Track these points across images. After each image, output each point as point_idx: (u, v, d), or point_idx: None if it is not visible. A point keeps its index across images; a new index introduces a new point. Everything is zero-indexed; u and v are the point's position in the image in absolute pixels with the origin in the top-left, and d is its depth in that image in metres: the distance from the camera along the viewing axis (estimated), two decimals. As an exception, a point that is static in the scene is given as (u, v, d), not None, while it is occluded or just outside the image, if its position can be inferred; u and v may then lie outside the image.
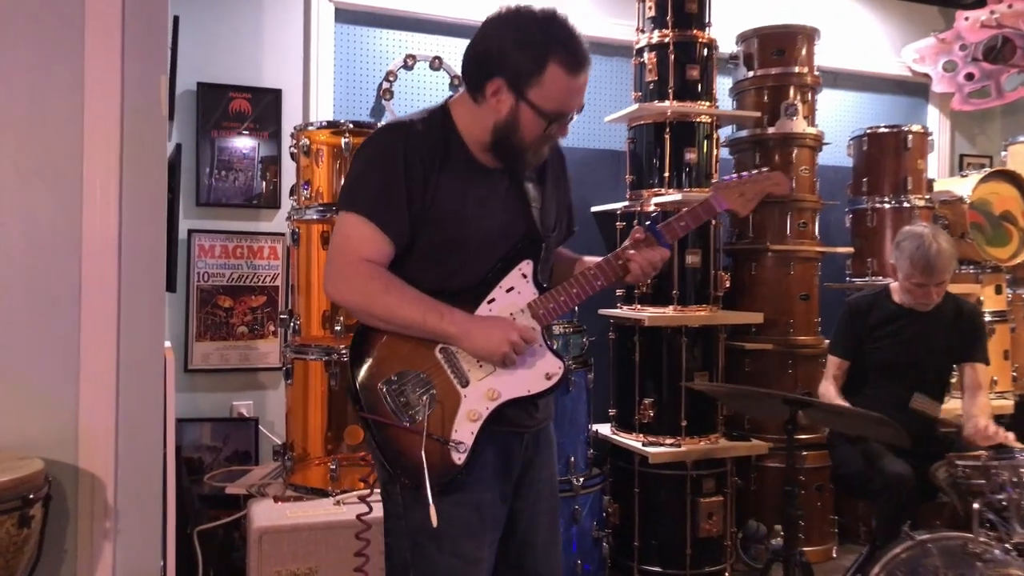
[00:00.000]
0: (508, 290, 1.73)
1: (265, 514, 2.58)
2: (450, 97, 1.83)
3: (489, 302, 1.73)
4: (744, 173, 1.91)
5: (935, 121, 4.90)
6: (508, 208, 1.77)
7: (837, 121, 4.63)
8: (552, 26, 1.64)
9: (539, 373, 1.72)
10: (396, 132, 1.72)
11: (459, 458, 1.65)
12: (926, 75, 4.78)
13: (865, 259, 4.04)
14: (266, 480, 2.95)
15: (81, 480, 2.47)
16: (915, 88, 4.91)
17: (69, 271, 2.46)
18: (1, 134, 2.39)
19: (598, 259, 1.86)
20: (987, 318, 4.08)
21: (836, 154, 4.25)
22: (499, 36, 1.65)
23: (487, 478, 1.73)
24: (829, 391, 3.07)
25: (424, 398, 1.66)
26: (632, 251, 1.78)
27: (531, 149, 1.72)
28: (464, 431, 1.67)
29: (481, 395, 1.69)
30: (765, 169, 1.99)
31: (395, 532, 1.74)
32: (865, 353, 3.11)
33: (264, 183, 3.47)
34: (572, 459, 3.20)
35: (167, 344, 3.09)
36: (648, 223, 1.84)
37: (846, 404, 2.89)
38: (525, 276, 1.75)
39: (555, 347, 1.80)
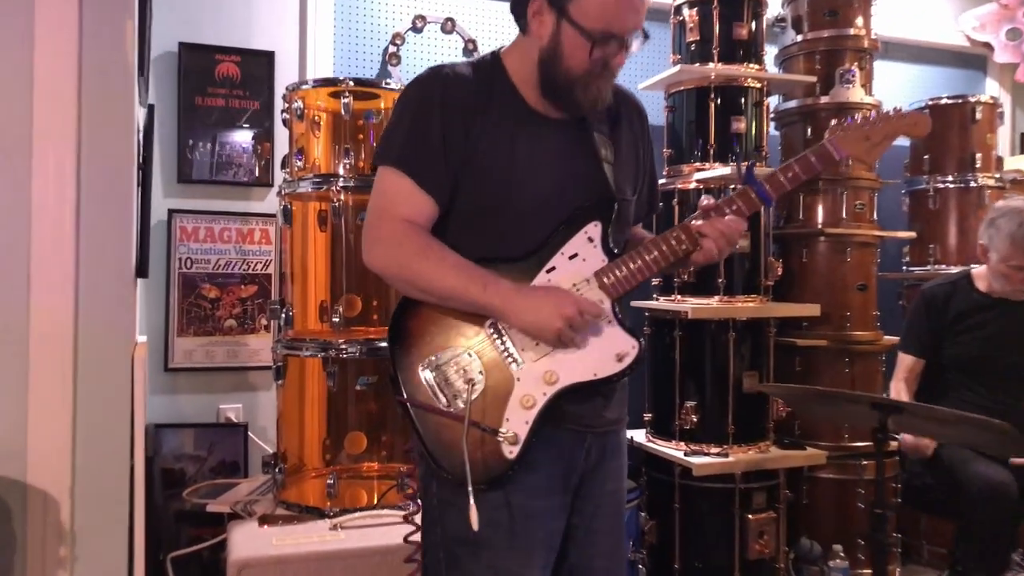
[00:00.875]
0: (572, 257, 1.50)
1: (247, 542, 2.18)
2: (503, 47, 1.60)
3: (549, 271, 1.50)
4: (871, 112, 1.55)
5: (995, 95, 4.45)
6: (571, 162, 1.54)
7: (889, 95, 4.18)
8: None
9: (608, 353, 1.47)
10: (434, 75, 1.53)
11: (511, 451, 1.44)
12: (987, 44, 4.34)
13: (926, 245, 3.63)
14: (254, 496, 2.55)
15: (31, 499, 2.10)
16: (973, 59, 4.47)
17: (15, 255, 2.08)
18: (-67, 88, 2.01)
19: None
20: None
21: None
22: None
23: (541, 485, 1.49)
24: (903, 396, 2.67)
25: (471, 381, 1.46)
26: (699, 222, 1.53)
27: (579, 83, 1.48)
28: (517, 420, 1.45)
29: (537, 378, 1.46)
30: (901, 107, 1.63)
31: (430, 542, 1.54)
32: (944, 350, 2.70)
33: (256, 158, 3.06)
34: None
35: (141, 339, 2.69)
36: (747, 171, 1.53)
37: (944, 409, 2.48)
38: (592, 240, 1.50)
39: (628, 322, 1.51)
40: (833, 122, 1.48)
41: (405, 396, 1.47)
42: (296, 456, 2.68)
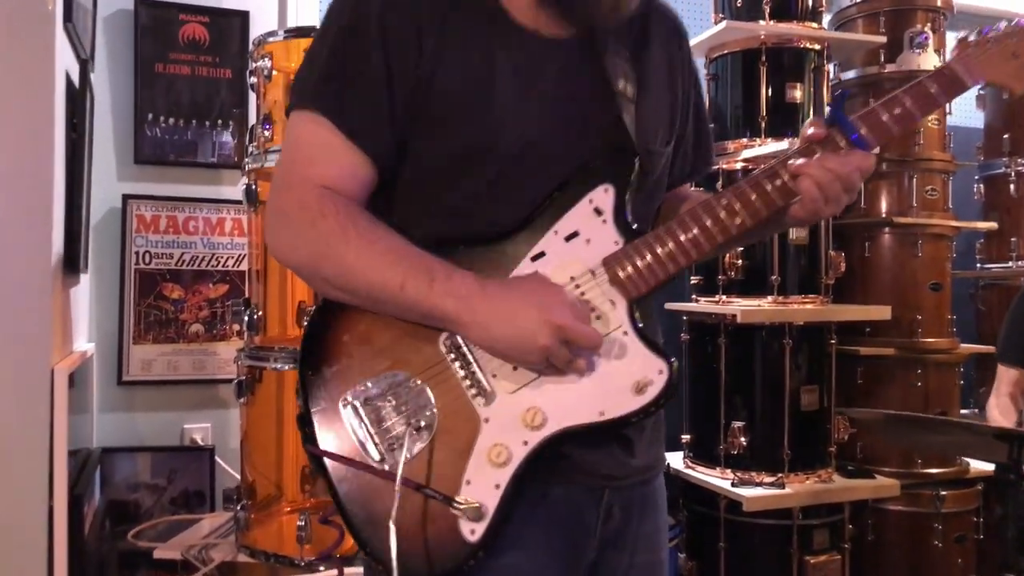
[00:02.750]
0: (570, 237, 1.03)
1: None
2: None
3: (535, 258, 1.03)
4: (1017, 21, 1.06)
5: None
6: (573, 98, 1.07)
7: (953, 70, 3.72)
8: None
9: (623, 382, 1.00)
10: None
11: (472, 530, 0.97)
12: (1065, 13, 3.85)
13: (1007, 239, 3.15)
14: (212, 540, 2.10)
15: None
16: (1047, 30, 3.98)
17: None
18: None
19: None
20: None
21: (960, 110, 3.34)
22: None
23: (532, 569, 1.02)
24: (1010, 416, 2.19)
25: (415, 421, 1.00)
26: (799, 160, 1.02)
27: None
28: (483, 483, 0.98)
29: (514, 420, 0.99)
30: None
31: None
32: None
33: (228, 135, 2.63)
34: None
35: (86, 347, 2.26)
36: (835, 103, 1.15)
37: None
38: (600, 212, 1.03)
39: (653, 335, 1.04)
40: (960, 34, 1.05)
41: (319, 445, 1.02)
42: (264, 488, 2.24)
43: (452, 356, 1.01)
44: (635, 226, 1.03)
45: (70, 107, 1.98)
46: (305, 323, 1.89)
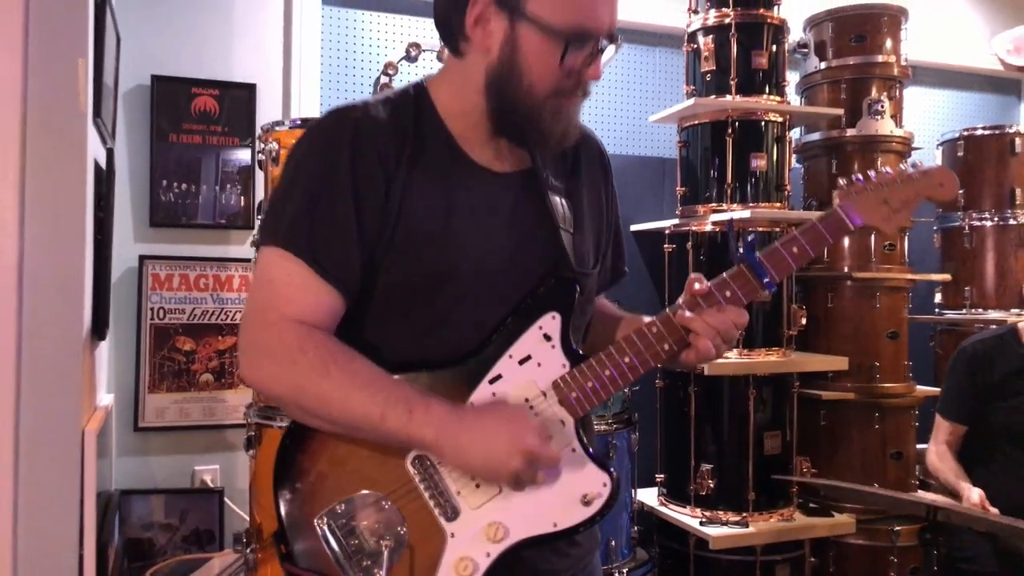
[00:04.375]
0: (523, 361, 1.14)
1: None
2: (429, 76, 1.23)
3: (493, 380, 1.13)
4: (885, 170, 1.24)
5: (1030, 122, 4.20)
6: (520, 229, 1.18)
7: (918, 122, 3.94)
8: None
9: (572, 495, 1.11)
10: (340, 119, 1.16)
11: None
12: (1021, 69, 4.08)
13: (961, 288, 3.37)
14: (223, 579, 2.31)
15: (-37, 598, 1.86)
16: (1006, 84, 4.21)
17: (-52, 318, 1.84)
18: None
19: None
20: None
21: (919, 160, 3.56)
22: None
23: None
24: (946, 462, 2.41)
25: (386, 540, 1.09)
26: (688, 314, 1.16)
27: (545, 104, 1.12)
28: None
29: (478, 534, 1.10)
30: (921, 162, 1.31)
31: None
32: (990, 416, 2.44)
33: (235, 198, 2.84)
34: (613, 543, 2.56)
35: (107, 398, 2.47)
36: (745, 249, 1.17)
37: (994, 511, 2.20)
38: (549, 338, 1.15)
39: (595, 449, 1.16)
40: (841, 182, 1.22)
41: (296, 563, 1.12)
42: (273, 529, 2.44)
43: (419, 476, 1.11)
44: (578, 349, 1.16)
45: (97, 189, 2.19)
46: (281, 438, 2.10)
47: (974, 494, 2.30)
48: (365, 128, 1.13)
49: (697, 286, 1.15)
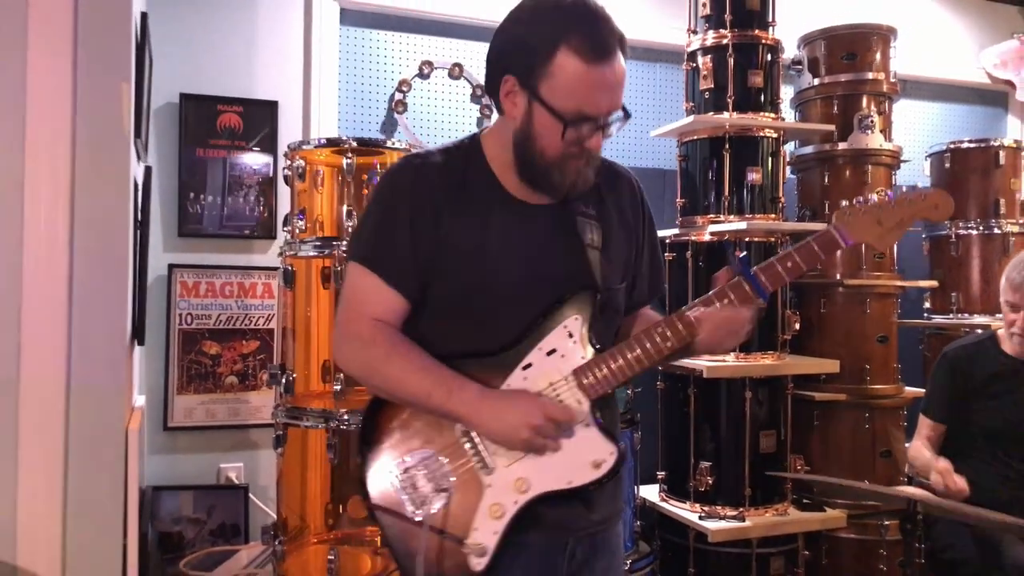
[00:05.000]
0: (550, 352, 1.39)
1: (243, 630, 2.09)
2: (484, 128, 1.51)
3: (525, 367, 1.39)
4: (886, 193, 1.42)
5: (1017, 133, 4.35)
6: (551, 248, 1.44)
7: (908, 134, 4.10)
8: (565, 6, 1.34)
9: (584, 460, 1.37)
10: (406, 165, 1.46)
11: (478, 563, 1.35)
12: (1008, 82, 4.24)
13: (948, 293, 3.53)
14: (251, 569, 2.46)
15: (20, 583, 2.01)
16: (994, 97, 4.37)
17: (5, 326, 1.99)
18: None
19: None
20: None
21: (909, 173, 3.73)
22: (511, 27, 1.40)
23: None
24: (923, 454, 2.56)
25: (440, 486, 1.38)
26: (700, 309, 1.40)
27: (555, 165, 1.38)
28: (486, 530, 1.36)
29: (508, 486, 1.37)
30: (919, 187, 1.48)
31: None
32: (970, 416, 2.59)
33: (258, 209, 2.99)
34: (617, 536, 2.70)
35: (140, 403, 2.62)
36: (740, 263, 1.39)
37: (960, 481, 2.36)
38: (572, 335, 1.40)
39: (611, 422, 1.45)
40: (843, 203, 1.38)
41: (375, 499, 1.41)
42: (297, 521, 2.59)
43: (464, 439, 1.38)
44: (598, 345, 1.40)
45: (136, 205, 2.34)
46: (351, 399, 2.30)
47: (941, 462, 2.45)
48: (422, 172, 1.42)
49: (718, 285, 1.41)
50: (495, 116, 1.49)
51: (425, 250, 1.39)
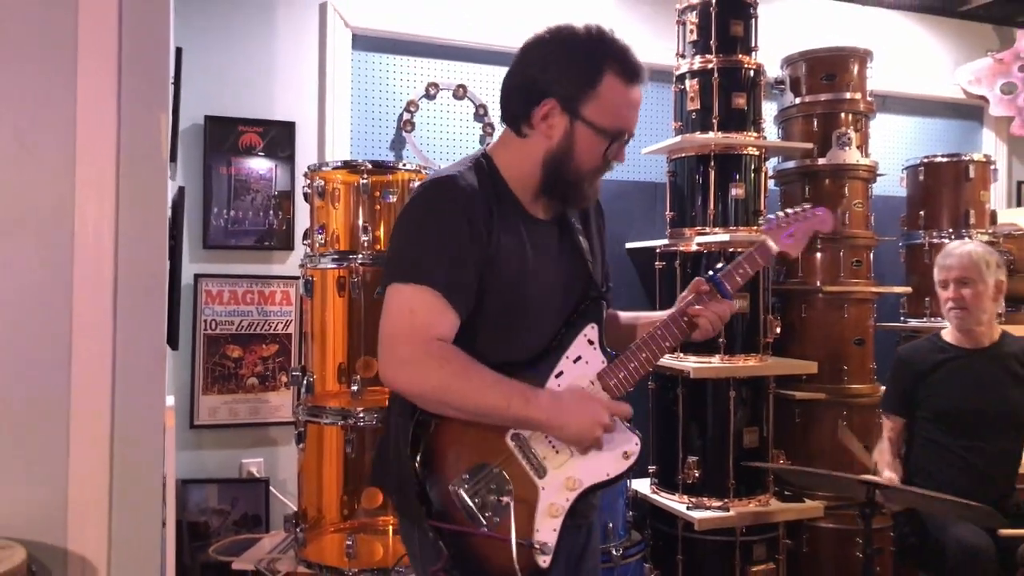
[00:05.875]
0: (576, 360, 1.56)
1: (273, 605, 2.31)
2: (487, 144, 1.67)
3: (558, 375, 1.55)
4: (789, 211, 1.78)
5: (991, 146, 4.59)
6: (564, 263, 1.63)
7: (887, 147, 4.33)
8: (604, 37, 1.54)
9: (617, 453, 1.54)
10: (451, 188, 1.52)
11: (544, 560, 1.47)
12: (982, 98, 4.47)
13: (922, 298, 3.74)
14: (275, 555, 2.68)
15: (71, 565, 2.23)
16: (969, 111, 4.60)
17: (58, 332, 2.21)
18: (-16, 181, 2.16)
19: (655, 315, 1.73)
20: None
21: (887, 184, 3.95)
22: (544, 56, 1.54)
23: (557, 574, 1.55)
24: (883, 454, 2.79)
25: (503, 496, 1.47)
26: (699, 306, 1.64)
27: (587, 179, 1.57)
28: (546, 529, 1.49)
29: (560, 485, 1.51)
30: (808, 205, 1.83)
31: None
32: (919, 404, 2.84)
33: (277, 222, 3.22)
34: (611, 525, 2.92)
35: (170, 402, 2.84)
36: (711, 274, 1.66)
37: (925, 492, 2.59)
38: (592, 342, 1.58)
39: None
40: (761, 220, 1.62)
41: (437, 518, 1.47)
42: (316, 511, 2.82)
43: (516, 448, 1.50)
44: (612, 352, 1.59)
45: (170, 223, 2.56)
46: (366, 399, 2.48)
47: (884, 476, 2.71)
48: (471, 195, 1.51)
49: (704, 287, 1.65)
50: (497, 134, 1.69)
51: (480, 270, 1.49)
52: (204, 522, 3.02)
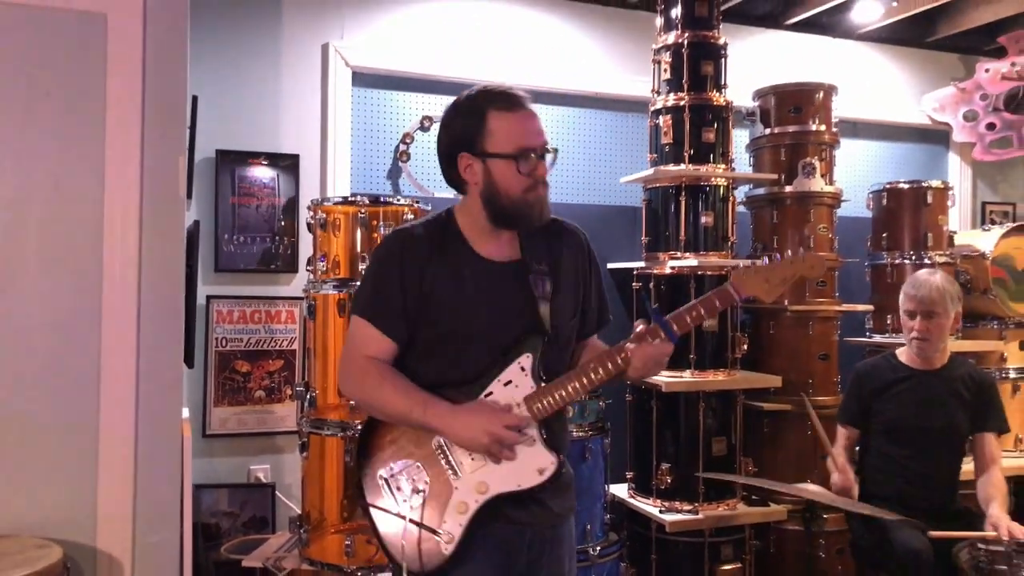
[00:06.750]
0: (506, 384, 1.75)
1: (280, 598, 2.58)
2: (455, 204, 1.90)
3: (487, 395, 1.75)
4: (775, 256, 1.82)
5: (956, 169, 4.85)
6: (511, 300, 1.79)
7: (857, 171, 4.60)
8: (480, 89, 1.79)
9: (531, 467, 1.73)
10: (396, 237, 1.84)
11: (446, 548, 1.70)
12: (947, 124, 4.73)
13: (884, 315, 3.99)
14: (281, 553, 2.95)
15: (99, 562, 2.49)
16: (936, 136, 4.87)
17: (88, 354, 2.48)
18: (24, 218, 2.43)
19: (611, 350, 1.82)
20: (1011, 375, 4.04)
21: (857, 205, 4.22)
22: (445, 127, 1.82)
23: (485, 574, 1.75)
24: (838, 460, 3.04)
25: (418, 487, 1.73)
26: (631, 346, 1.75)
27: (521, 200, 1.76)
28: (453, 522, 1.71)
29: (471, 488, 1.72)
30: (802, 251, 1.88)
31: None
32: (873, 417, 3.09)
33: (282, 248, 3.49)
34: (588, 527, 3.18)
35: (185, 414, 3.11)
36: (654, 313, 1.76)
37: (855, 502, 2.84)
38: (524, 369, 1.76)
39: (557, 438, 1.79)
40: (741, 264, 1.78)
41: (366, 499, 1.78)
42: (318, 514, 3.08)
43: (438, 451, 1.74)
44: (543, 378, 1.75)
45: (186, 253, 2.83)
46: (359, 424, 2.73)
47: (836, 476, 2.95)
48: (409, 242, 1.79)
49: (639, 328, 1.77)
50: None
51: (412, 303, 1.76)
52: (215, 524, 3.29)
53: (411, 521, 1.71)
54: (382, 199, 2.97)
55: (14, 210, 2.43)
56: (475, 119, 1.75)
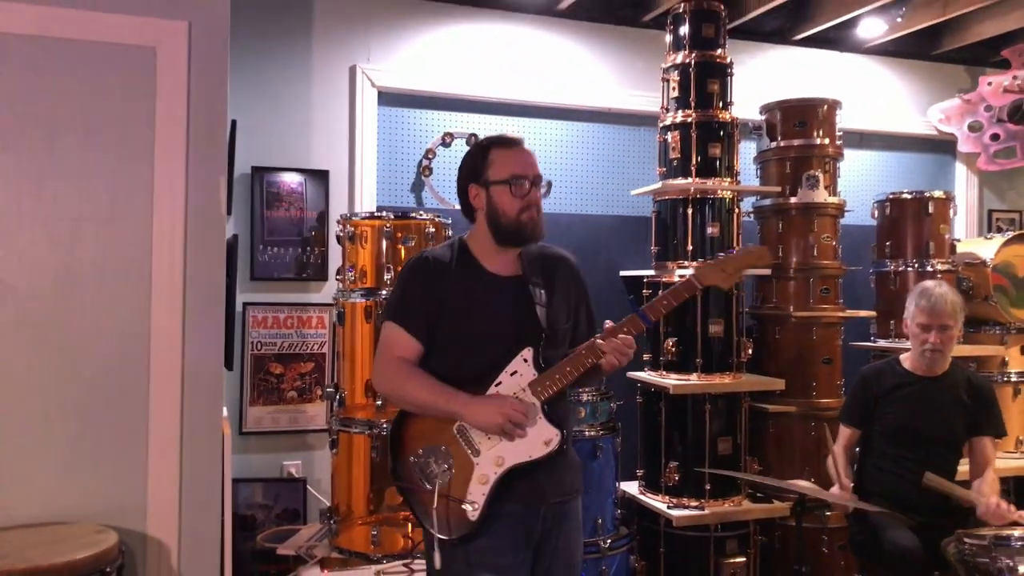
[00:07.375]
0: (512, 374, 2.04)
1: (313, 582, 2.81)
2: (468, 231, 2.22)
3: (496, 384, 2.05)
4: (731, 250, 2.12)
5: (963, 178, 4.98)
6: (514, 307, 2.11)
7: (864, 181, 4.75)
8: (488, 137, 2.18)
9: (539, 441, 2.02)
10: (418, 261, 2.16)
11: (473, 514, 1.99)
12: (952, 135, 4.87)
13: (888, 321, 4.14)
14: (312, 542, 3.18)
15: (149, 547, 2.74)
16: (943, 146, 5.00)
17: (139, 358, 2.73)
18: (82, 234, 2.68)
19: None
20: (1012, 379, 4.18)
21: (863, 215, 4.37)
22: (462, 167, 2.17)
23: (505, 546, 2.02)
24: (839, 459, 3.20)
25: (444, 466, 2.03)
26: (600, 340, 2.04)
27: (517, 220, 2.07)
28: (477, 493, 2.00)
29: (490, 462, 2.01)
30: (750, 244, 2.19)
31: None
32: (875, 420, 3.24)
33: (314, 258, 3.73)
34: (599, 521, 3.37)
35: (224, 413, 3.36)
36: (631, 303, 2.07)
37: (849, 497, 3.01)
38: (526, 360, 2.05)
39: (560, 415, 2.06)
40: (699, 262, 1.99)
41: (400, 480, 2.10)
42: (346, 506, 3.31)
43: (459, 433, 2.03)
44: (544, 366, 2.03)
45: (226, 264, 3.07)
46: (389, 411, 2.97)
47: (836, 489, 3.11)
48: (431, 261, 2.13)
49: (608, 325, 2.06)
50: None
51: (433, 309, 2.08)
52: (251, 515, 3.53)
53: (441, 494, 2.00)
54: (406, 214, 3.19)
55: (74, 227, 2.68)
56: (481, 156, 2.12)
